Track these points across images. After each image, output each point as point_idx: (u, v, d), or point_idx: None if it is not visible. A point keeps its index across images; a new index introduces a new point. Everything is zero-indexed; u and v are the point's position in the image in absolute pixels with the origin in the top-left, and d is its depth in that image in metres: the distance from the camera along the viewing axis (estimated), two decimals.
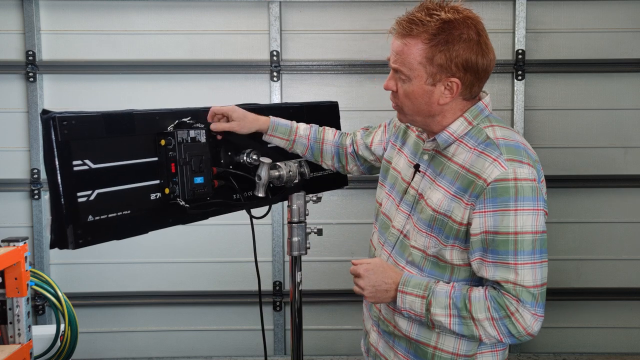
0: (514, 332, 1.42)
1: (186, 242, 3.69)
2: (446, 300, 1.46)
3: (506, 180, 1.39)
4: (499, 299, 1.42)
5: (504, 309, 1.41)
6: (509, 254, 1.40)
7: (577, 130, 3.73)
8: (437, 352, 1.55)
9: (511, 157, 1.41)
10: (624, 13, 3.67)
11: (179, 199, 1.53)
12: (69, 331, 2.63)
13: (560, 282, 3.78)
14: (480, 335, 1.45)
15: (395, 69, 1.48)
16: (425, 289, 1.48)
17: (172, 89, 3.69)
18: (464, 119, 1.50)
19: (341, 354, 3.81)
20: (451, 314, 1.45)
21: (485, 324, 1.43)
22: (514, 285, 1.40)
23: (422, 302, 1.48)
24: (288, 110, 1.95)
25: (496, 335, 1.43)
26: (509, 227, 1.39)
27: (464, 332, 1.45)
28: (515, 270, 1.40)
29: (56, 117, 1.34)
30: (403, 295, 1.50)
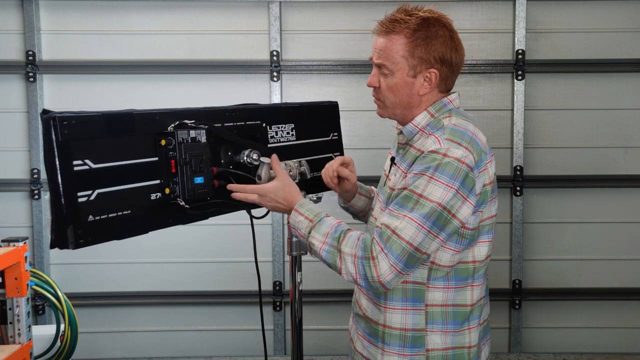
0: (368, 275, 1.49)
1: (186, 242, 3.69)
2: (327, 230, 1.56)
3: (436, 153, 1.50)
4: (367, 242, 1.51)
5: (368, 251, 1.49)
6: (405, 208, 1.49)
7: (577, 130, 3.73)
8: (387, 329, 1.63)
9: (450, 138, 1.53)
10: (624, 13, 3.67)
11: (179, 199, 1.54)
12: (69, 331, 2.63)
13: (560, 282, 3.78)
14: (340, 268, 1.53)
15: (379, 64, 1.63)
16: (316, 215, 1.60)
17: (172, 89, 3.69)
18: (427, 112, 1.64)
19: (341, 354, 3.81)
20: (325, 241, 1.56)
21: (347, 258, 1.52)
22: (392, 232, 1.48)
23: (308, 224, 1.59)
24: (288, 110, 1.95)
25: (353, 273, 1.51)
26: (417, 188, 1.49)
27: (329, 260, 1.55)
28: (401, 220, 1.48)
29: (56, 117, 1.34)
30: (296, 213, 1.62)
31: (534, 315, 3.82)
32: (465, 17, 3.68)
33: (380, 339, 1.64)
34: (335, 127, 2.11)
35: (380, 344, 1.64)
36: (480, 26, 3.69)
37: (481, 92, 3.71)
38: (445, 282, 1.59)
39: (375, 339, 1.65)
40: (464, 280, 1.60)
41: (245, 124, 1.77)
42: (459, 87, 3.61)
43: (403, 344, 1.61)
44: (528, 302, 3.80)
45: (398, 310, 1.60)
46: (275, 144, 1.86)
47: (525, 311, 3.80)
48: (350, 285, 1.64)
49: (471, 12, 3.68)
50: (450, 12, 3.67)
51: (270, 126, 1.86)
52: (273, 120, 1.86)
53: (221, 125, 1.69)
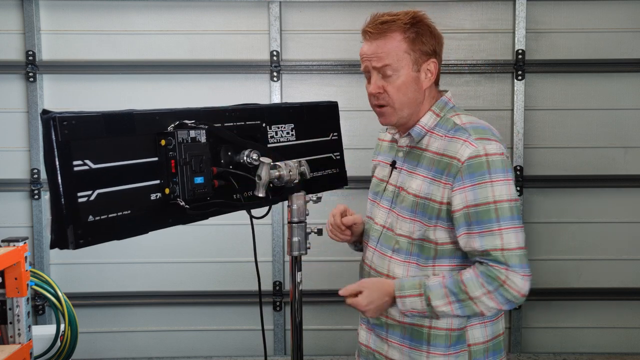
0: (510, 298, 1.53)
1: (186, 242, 3.69)
2: (442, 291, 1.55)
3: (478, 157, 1.53)
4: (489, 273, 1.52)
5: (496, 280, 1.52)
6: (492, 222, 1.52)
7: (577, 130, 3.73)
8: (433, 330, 1.63)
9: (479, 136, 1.57)
10: (624, 13, 3.67)
11: (179, 199, 1.53)
12: (69, 331, 2.63)
13: (560, 282, 3.78)
14: (481, 311, 1.54)
15: (382, 66, 1.60)
16: (420, 287, 1.57)
17: (172, 89, 3.69)
18: (432, 112, 1.66)
19: (341, 354, 3.82)
20: (450, 302, 1.54)
21: (483, 299, 1.52)
22: (502, 251, 1.52)
23: (421, 300, 1.56)
24: (288, 110, 1.95)
25: (495, 306, 1.54)
26: (488, 198, 1.52)
27: (467, 313, 1.55)
28: (501, 236, 1.52)
29: (56, 117, 1.34)
30: (402, 299, 1.58)
31: (534, 315, 3.82)
32: (465, 17, 3.68)
33: (425, 342, 1.64)
34: (335, 127, 2.10)
35: (425, 347, 1.64)
36: (480, 26, 3.69)
37: (481, 92, 3.71)
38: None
39: (418, 342, 1.65)
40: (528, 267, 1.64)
41: (245, 124, 1.77)
42: (459, 87, 3.66)
43: (449, 343, 1.64)
44: (528, 302, 3.80)
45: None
46: (275, 144, 1.86)
47: (525, 311, 3.80)
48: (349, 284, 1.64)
49: (471, 12, 3.68)
50: (450, 12, 3.73)
51: (270, 126, 1.86)
52: (273, 120, 1.86)
53: (221, 125, 1.68)
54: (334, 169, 2.07)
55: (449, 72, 3.64)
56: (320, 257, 3.69)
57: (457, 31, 3.65)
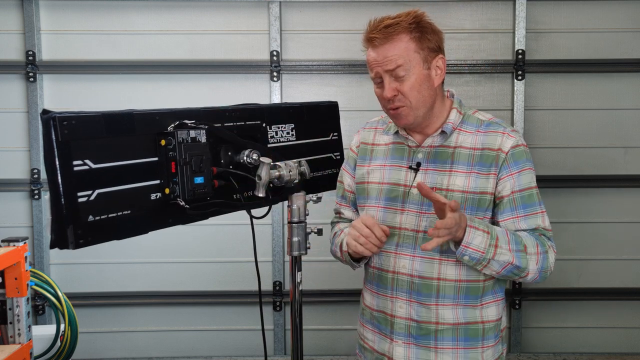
0: (546, 267, 1.67)
1: (186, 242, 3.69)
2: (506, 237, 1.62)
3: (518, 146, 1.67)
4: (540, 239, 1.67)
5: (544, 245, 1.66)
6: (535, 205, 1.68)
7: (577, 130, 3.73)
8: (486, 324, 1.71)
9: (512, 129, 1.71)
10: (624, 13, 3.67)
11: (179, 199, 1.53)
12: (69, 331, 2.63)
13: (560, 282, 3.78)
14: (528, 270, 1.64)
15: (394, 69, 1.61)
16: (486, 226, 1.61)
17: (172, 89, 3.69)
18: (456, 110, 1.73)
19: (341, 354, 3.81)
20: (511, 249, 1.61)
21: (533, 257, 1.64)
22: (544, 229, 1.69)
23: (485, 237, 1.59)
24: (288, 110, 1.95)
25: (535, 269, 1.65)
26: (531, 183, 1.68)
27: (521, 264, 1.62)
28: (543, 218, 1.69)
29: (56, 117, 1.34)
30: (473, 230, 1.58)
31: (534, 315, 3.82)
32: (465, 17, 3.68)
33: (481, 337, 1.70)
34: (335, 127, 2.11)
35: (480, 342, 1.70)
36: (480, 26, 3.69)
37: (481, 92, 3.71)
38: None
39: (475, 340, 1.69)
40: None
41: (245, 124, 1.77)
42: (459, 87, 3.66)
43: (496, 332, 1.74)
44: (528, 302, 3.80)
45: (492, 303, 1.74)
46: (275, 144, 1.86)
47: (525, 311, 3.80)
48: (350, 285, 1.64)
49: (471, 12, 3.68)
50: (450, 12, 3.72)
51: (270, 126, 1.86)
52: (273, 120, 1.86)
53: (221, 125, 1.69)
54: (334, 169, 2.07)
55: (449, 72, 3.63)
56: (320, 257, 3.67)
57: (457, 31, 3.65)
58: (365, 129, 1.89)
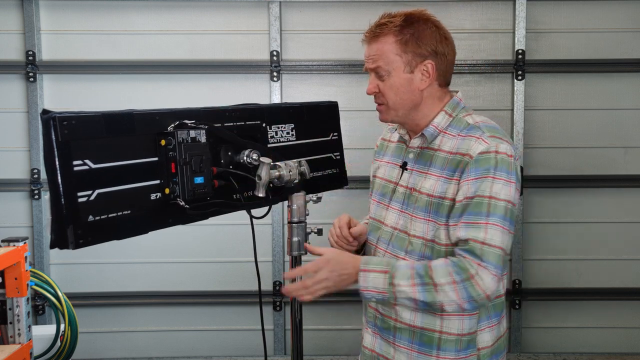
0: (474, 295, 1.48)
1: (186, 242, 3.69)
2: (409, 272, 1.52)
3: (488, 153, 1.54)
4: (460, 263, 1.49)
5: (465, 272, 1.48)
6: (481, 215, 1.51)
7: (577, 130, 3.73)
8: (443, 335, 1.62)
9: (493, 134, 1.58)
10: (624, 13, 3.67)
11: (179, 199, 1.53)
12: (69, 331, 2.63)
13: (560, 282, 3.78)
14: (441, 303, 1.49)
15: (374, 68, 1.65)
16: (387, 264, 1.55)
17: (172, 89, 3.69)
18: (445, 113, 1.67)
19: (341, 354, 3.82)
20: (414, 283, 1.50)
21: (446, 288, 1.48)
22: (482, 244, 1.49)
23: (384, 277, 1.53)
24: (288, 110, 1.95)
25: (456, 300, 1.48)
26: (485, 191, 1.52)
27: (427, 298, 1.50)
28: (486, 229, 1.50)
29: (56, 117, 1.34)
30: (365, 273, 1.55)
31: (534, 315, 3.82)
32: (465, 17, 3.68)
33: (435, 346, 1.63)
34: (335, 127, 2.10)
35: (435, 352, 1.63)
36: (480, 26, 3.69)
37: (481, 92, 3.72)
38: None
39: (428, 347, 1.64)
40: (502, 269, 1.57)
41: (245, 124, 1.77)
42: (459, 87, 3.65)
43: (459, 347, 1.63)
44: (528, 302, 3.80)
45: (455, 315, 1.60)
46: (275, 144, 1.86)
47: (525, 311, 3.80)
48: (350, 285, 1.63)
49: (471, 12, 3.68)
50: (451, 12, 3.73)
51: (270, 126, 1.85)
52: (273, 120, 1.86)
53: (221, 125, 1.68)
54: (334, 169, 2.07)
55: None
56: None
57: (457, 31, 3.64)
58: (390, 126, 1.90)
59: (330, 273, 1.57)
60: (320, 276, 1.57)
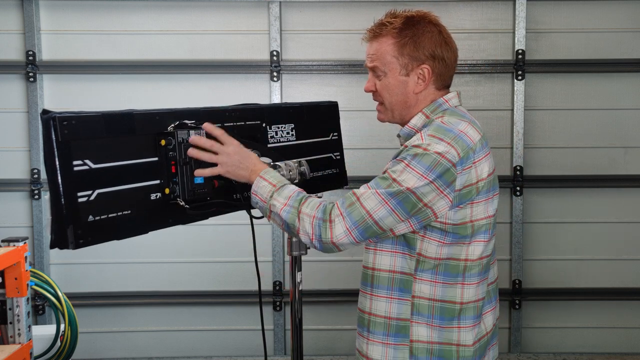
0: (322, 237, 1.52)
1: (186, 242, 3.69)
2: (289, 193, 1.57)
3: (417, 147, 1.52)
4: (328, 206, 1.54)
5: (327, 214, 1.52)
6: (378, 186, 1.51)
7: (577, 130, 3.73)
8: (372, 317, 1.64)
9: (433, 134, 1.54)
10: (624, 13, 3.67)
11: (179, 199, 1.54)
12: (69, 331, 2.63)
13: (560, 282, 3.78)
14: (298, 227, 1.54)
15: (372, 67, 1.67)
16: (279, 182, 1.60)
17: (172, 89, 3.69)
18: (422, 114, 1.66)
19: (341, 354, 3.81)
20: (286, 203, 1.56)
21: (305, 219, 1.53)
22: (357, 199, 1.51)
23: (271, 189, 1.58)
24: (288, 110, 1.95)
25: (310, 233, 1.53)
26: (395, 173, 1.51)
27: (288, 219, 1.55)
28: (367, 189, 1.52)
29: (56, 117, 1.34)
30: (260, 179, 1.60)
31: (534, 315, 3.82)
32: (465, 17, 3.68)
33: (366, 328, 1.65)
34: (335, 127, 2.11)
35: (366, 333, 1.66)
36: (480, 26, 3.69)
37: (481, 92, 3.72)
38: (433, 276, 1.59)
39: (362, 328, 1.67)
40: (453, 277, 1.59)
41: (245, 124, 1.77)
42: (459, 87, 3.65)
43: (387, 332, 1.62)
44: (528, 302, 3.80)
45: (383, 298, 1.62)
46: (275, 144, 1.86)
47: (525, 311, 3.80)
48: (350, 285, 1.64)
49: (471, 12, 3.68)
50: (450, 12, 3.72)
51: (270, 126, 1.86)
52: (273, 120, 1.86)
53: (221, 125, 1.69)
54: (334, 169, 2.07)
55: None
56: (320, 257, 3.68)
57: (457, 31, 3.64)
58: None
59: (234, 154, 1.61)
60: (221, 149, 1.60)
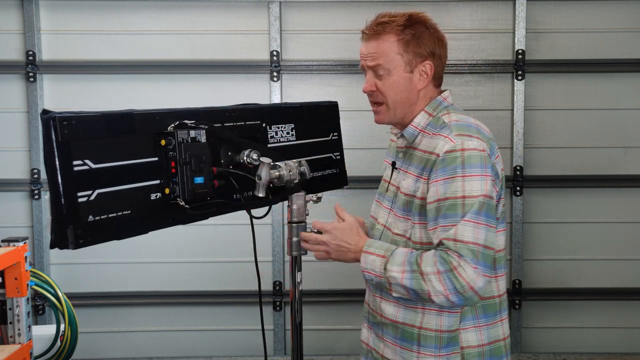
0: (457, 287, 1.48)
1: (186, 242, 3.69)
2: (402, 259, 1.56)
3: (454, 151, 1.54)
4: (444, 255, 1.51)
5: (448, 263, 1.49)
6: (457, 216, 1.51)
7: (577, 130, 3.73)
8: (422, 331, 1.64)
9: (460, 133, 1.58)
10: (624, 13, 3.67)
11: (179, 199, 1.53)
12: (69, 331, 2.63)
13: (560, 282, 3.78)
14: (428, 291, 1.51)
15: (374, 66, 1.66)
16: (387, 250, 1.60)
17: (172, 89, 3.69)
18: (425, 112, 1.68)
19: (341, 354, 3.81)
20: (404, 270, 1.54)
21: (432, 277, 1.50)
22: (454, 241, 1.50)
23: (382, 261, 1.58)
24: (288, 110, 1.95)
25: (442, 290, 1.50)
26: (457, 192, 1.52)
27: (414, 285, 1.53)
28: (456, 227, 1.50)
29: (56, 117, 1.34)
30: (366, 255, 1.61)
31: (534, 315, 3.82)
32: (465, 17, 3.68)
33: (416, 342, 1.65)
34: (335, 127, 2.10)
35: (416, 347, 1.65)
36: (480, 26, 3.69)
37: (481, 92, 3.72)
38: None
39: (410, 342, 1.66)
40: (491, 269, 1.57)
41: (245, 124, 1.77)
42: (459, 87, 3.65)
43: (439, 344, 1.64)
44: (528, 302, 3.80)
45: (435, 311, 1.63)
46: (275, 144, 1.86)
47: (525, 311, 3.80)
48: (350, 285, 1.64)
49: (471, 12, 3.68)
50: (450, 12, 3.72)
51: (270, 126, 1.86)
52: (273, 120, 1.86)
53: (221, 125, 1.68)
54: (334, 169, 2.07)
55: (449, 72, 3.63)
56: None
57: (457, 31, 3.65)
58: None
59: (331, 241, 1.64)
60: (320, 238, 1.65)
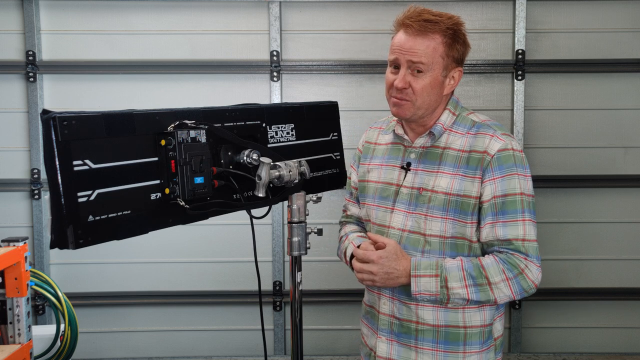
0: (525, 287, 1.60)
1: (186, 242, 3.69)
2: (460, 273, 1.59)
3: (507, 150, 1.62)
4: (510, 260, 1.59)
5: (516, 268, 1.58)
6: (517, 212, 1.60)
7: (577, 130, 3.73)
8: (468, 329, 1.66)
9: (504, 132, 1.66)
10: (624, 13, 3.67)
11: (179, 199, 1.53)
12: (69, 331, 2.63)
13: (560, 282, 3.78)
14: (495, 298, 1.60)
15: (416, 62, 1.62)
16: (437, 267, 1.61)
17: (172, 89, 3.69)
18: (449, 111, 1.71)
19: (341, 354, 3.82)
20: (467, 284, 1.59)
21: (501, 285, 1.58)
22: (523, 241, 1.59)
23: (436, 280, 1.60)
24: (288, 110, 1.95)
25: (509, 294, 1.59)
26: (516, 189, 1.61)
27: (481, 298, 1.59)
28: (524, 227, 1.60)
29: (56, 117, 1.34)
30: (417, 279, 1.61)
31: (534, 315, 3.82)
32: (465, 17, 3.63)
33: (462, 342, 1.66)
34: (335, 127, 2.10)
35: (462, 347, 1.66)
36: (480, 26, 3.69)
37: (481, 92, 3.72)
38: None
39: (455, 344, 1.67)
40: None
41: (245, 124, 1.77)
42: (459, 87, 3.58)
43: (483, 339, 1.68)
44: (528, 302, 3.80)
45: (476, 308, 1.67)
46: (275, 144, 1.86)
47: (525, 311, 3.80)
48: (350, 285, 1.65)
49: (471, 12, 3.69)
50: (450, 12, 3.69)
51: (270, 126, 1.86)
52: (273, 120, 1.86)
53: (221, 125, 1.68)
54: (334, 169, 2.07)
55: None
56: (320, 257, 3.69)
57: None
58: (372, 128, 1.92)
59: (378, 269, 1.63)
60: (367, 268, 1.65)
